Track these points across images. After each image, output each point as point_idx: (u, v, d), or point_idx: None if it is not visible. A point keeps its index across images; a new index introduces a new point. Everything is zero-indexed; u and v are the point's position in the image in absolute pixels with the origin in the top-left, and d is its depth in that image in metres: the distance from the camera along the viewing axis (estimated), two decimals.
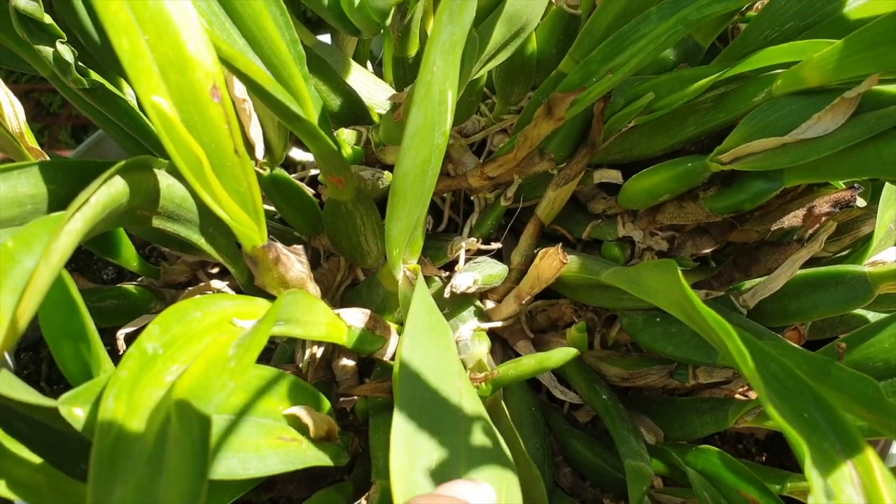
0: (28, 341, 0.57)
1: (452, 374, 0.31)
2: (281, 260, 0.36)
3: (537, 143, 0.42)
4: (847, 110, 0.34)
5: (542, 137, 0.42)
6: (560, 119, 0.40)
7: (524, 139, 0.42)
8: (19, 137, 0.38)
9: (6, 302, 0.23)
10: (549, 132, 0.41)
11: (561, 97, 0.39)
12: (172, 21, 0.27)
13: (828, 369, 0.27)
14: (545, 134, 0.42)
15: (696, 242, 0.47)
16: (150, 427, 0.24)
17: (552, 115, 0.40)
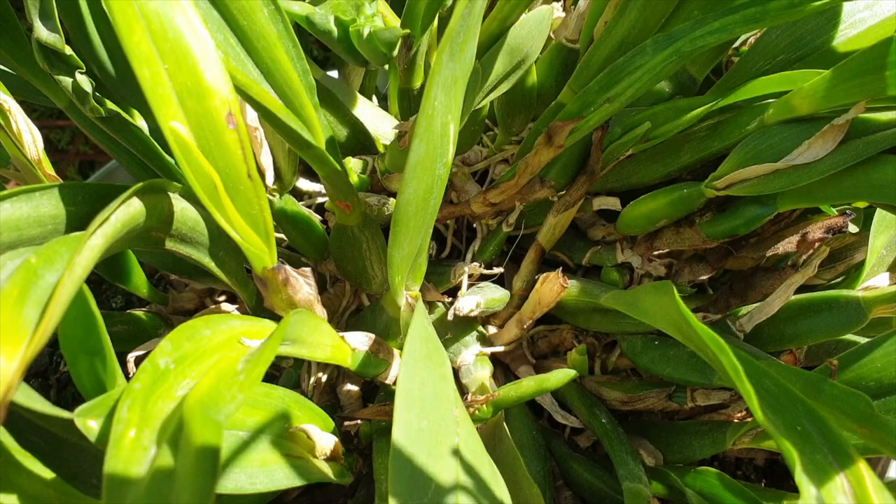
0: (38, 367, 0.58)
1: (449, 402, 0.31)
2: (290, 281, 0.37)
3: (538, 171, 0.43)
4: (836, 137, 0.35)
5: (542, 165, 0.43)
6: (560, 146, 0.42)
7: (525, 166, 0.43)
8: (37, 164, 0.39)
9: (30, 314, 0.24)
10: (549, 159, 0.43)
11: (560, 125, 0.41)
12: (191, 52, 0.29)
13: (821, 386, 0.28)
14: (545, 161, 0.43)
15: (693, 269, 0.48)
16: (162, 437, 0.25)
17: (552, 142, 0.41)
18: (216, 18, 0.34)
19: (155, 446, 0.25)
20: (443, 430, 0.30)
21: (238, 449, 0.32)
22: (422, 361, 0.32)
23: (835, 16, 0.43)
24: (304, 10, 0.40)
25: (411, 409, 0.29)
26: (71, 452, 0.30)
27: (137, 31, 0.27)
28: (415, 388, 0.30)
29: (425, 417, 0.29)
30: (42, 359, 0.58)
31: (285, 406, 0.36)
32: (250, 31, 0.34)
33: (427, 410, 0.30)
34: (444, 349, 0.35)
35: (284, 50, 0.36)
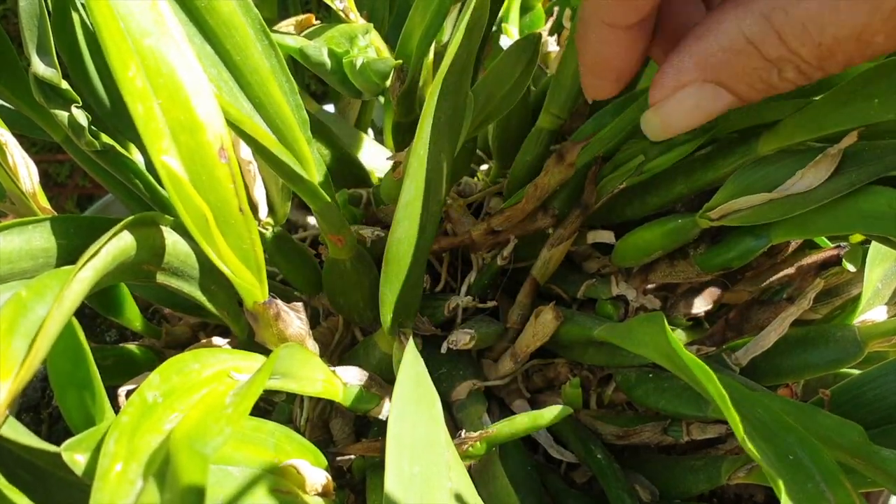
0: (29, 402, 0.58)
1: (440, 446, 0.31)
2: (281, 316, 0.37)
3: (547, 194, 0.44)
4: (829, 166, 0.35)
5: (552, 187, 0.43)
6: (571, 165, 0.42)
7: (534, 188, 0.43)
8: (32, 197, 0.39)
9: (18, 346, 0.24)
10: (560, 180, 0.43)
11: (571, 145, 0.41)
12: (184, 87, 0.29)
13: (814, 416, 0.28)
14: (555, 184, 0.43)
15: (688, 302, 0.48)
16: (149, 470, 0.25)
17: (563, 161, 0.42)
18: (210, 54, 0.34)
19: (142, 480, 0.25)
20: (435, 474, 0.29)
21: (226, 484, 0.31)
22: (412, 404, 0.32)
23: None
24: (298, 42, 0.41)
25: (403, 453, 0.29)
26: (58, 487, 0.30)
27: (131, 66, 0.27)
28: (406, 431, 0.30)
29: (417, 463, 0.29)
30: (34, 393, 0.57)
31: (276, 441, 0.35)
32: (244, 66, 0.35)
33: (419, 455, 0.29)
34: (437, 387, 0.35)
35: (278, 84, 0.36)
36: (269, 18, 0.54)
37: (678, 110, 0.33)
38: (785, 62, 0.29)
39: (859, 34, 0.26)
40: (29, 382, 0.25)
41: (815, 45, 0.27)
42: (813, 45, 0.27)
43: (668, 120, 0.33)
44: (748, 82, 0.30)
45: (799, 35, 0.27)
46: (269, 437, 0.35)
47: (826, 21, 0.27)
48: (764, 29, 0.28)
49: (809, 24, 0.27)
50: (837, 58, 0.28)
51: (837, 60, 0.28)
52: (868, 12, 0.26)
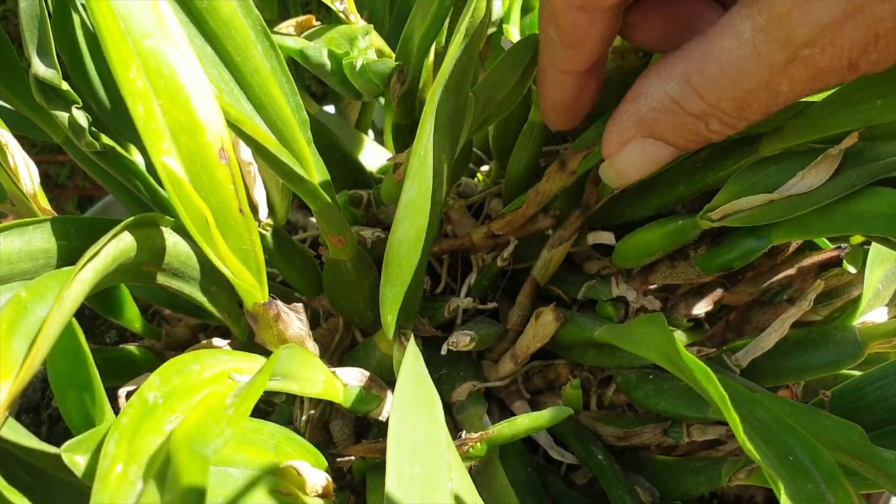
0: (29, 403, 0.57)
1: (440, 447, 0.31)
2: (281, 317, 0.37)
3: (547, 200, 0.44)
4: (830, 167, 0.35)
5: (553, 193, 0.43)
6: (573, 173, 0.42)
7: (535, 194, 0.43)
8: (33, 198, 0.39)
9: (18, 347, 0.24)
10: (561, 187, 0.43)
11: (573, 154, 0.41)
12: (185, 88, 0.29)
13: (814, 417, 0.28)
14: (556, 190, 0.43)
15: (689, 303, 0.48)
16: (149, 472, 0.25)
17: (565, 168, 0.42)
18: (210, 54, 0.34)
19: (142, 481, 0.25)
20: (435, 475, 0.29)
21: (226, 485, 0.31)
22: (413, 405, 0.32)
23: None
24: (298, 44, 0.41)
25: (403, 455, 0.29)
26: (58, 488, 0.30)
27: (132, 67, 0.27)
28: (406, 433, 0.30)
29: (417, 464, 0.29)
30: (34, 394, 0.57)
31: (276, 442, 0.35)
32: (244, 67, 0.35)
33: (419, 456, 0.29)
34: (437, 388, 0.35)
35: (278, 85, 0.36)
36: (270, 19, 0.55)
37: (627, 162, 0.36)
38: (708, 116, 0.32)
39: (766, 85, 0.29)
40: (29, 383, 0.25)
41: (731, 99, 0.30)
42: (729, 98, 0.30)
43: (622, 171, 0.37)
44: (680, 135, 0.34)
45: (716, 91, 0.30)
46: (269, 439, 0.35)
47: (736, 76, 0.29)
48: (685, 89, 0.31)
49: (723, 80, 0.30)
50: (753, 107, 0.30)
51: (754, 110, 0.31)
52: (768, 68, 0.28)
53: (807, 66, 0.27)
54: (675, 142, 0.34)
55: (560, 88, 0.38)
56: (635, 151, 0.36)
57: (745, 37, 0.28)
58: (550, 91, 0.39)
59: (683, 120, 0.32)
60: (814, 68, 0.27)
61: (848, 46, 0.26)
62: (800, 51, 0.27)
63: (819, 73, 0.27)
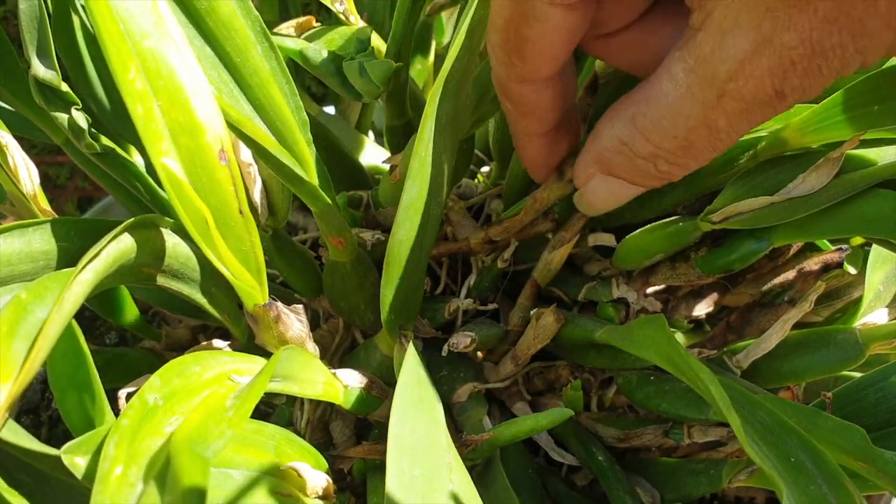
0: (29, 404, 0.57)
1: (441, 448, 0.31)
2: (281, 318, 0.37)
3: (546, 207, 0.44)
4: (831, 170, 0.35)
5: (551, 201, 0.43)
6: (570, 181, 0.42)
7: (533, 201, 0.43)
8: (32, 199, 0.39)
9: (18, 349, 0.23)
10: (559, 196, 0.43)
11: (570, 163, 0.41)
12: (184, 89, 0.29)
13: (815, 419, 0.28)
14: (554, 199, 0.43)
15: (689, 305, 0.48)
16: (149, 473, 0.25)
17: (563, 177, 0.42)
18: (210, 55, 0.34)
19: (142, 483, 0.25)
20: (436, 476, 0.29)
21: (226, 487, 0.31)
22: (413, 407, 0.32)
23: None
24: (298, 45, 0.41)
25: (403, 456, 0.29)
26: (59, 490, 0.30)
27: (131, 68, 0.27)
28: (406, 434, 0.30)
29: (418, 465, 0.29)
30: (34, 396, 0.57)
31: (276, 443, 0.35)
32: (244, 68, 0.35)
33: (419, 457, 0.29)
34: (437, 389, 0.35)
35: (278, 86, 0.36)
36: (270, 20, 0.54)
37: (595, 196, 0.38)
38: (655, 157, 0.32)
39: (704, 122, 0.29)
40: (29, 385, 0.25)
41: (673, 139, 0.31)
42: (671, 138, 0.31)
43: (591, 202, 0.39)
44: (635, 175, 0.35)
45: (658, 133, 0.31)
46: (269, 440, 0.35)
47: (674, 117, 0.30)
48: (631, 131, 0.32)
49: (663, 121, 0.31)
50: (697, 146, 0.31)
51: (699, 148, 0.31)
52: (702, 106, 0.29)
53: (736, 100, 0.28)
54: (632, 180, 0.35)
55: (531, 149, 0.39)
56: (600, 187, 0.37)
57: (678, 78, 0.29)
58: (523, 151, 0.40)
59: (634, 161, 0.33)
60: (742, 101, 0.28)
61: (768, 76, 0.27)
62: (726, 85, 0.28)
63: (749, 105, 0.28)
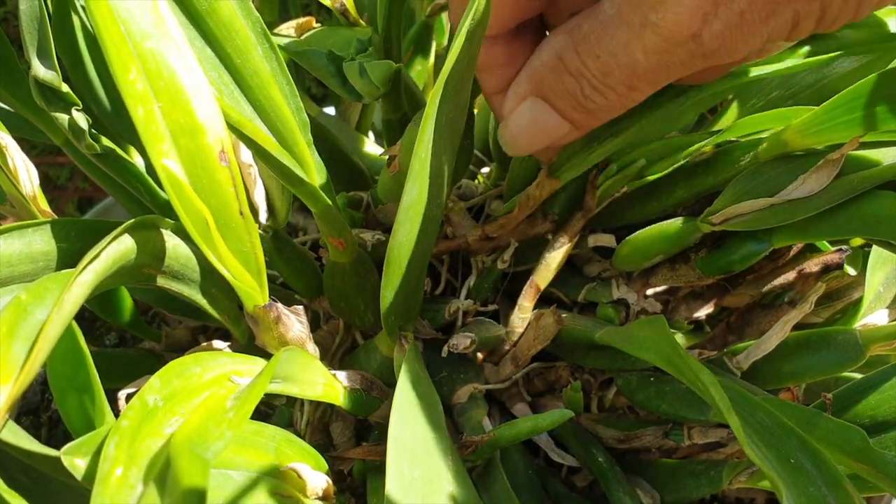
0: (29, 405, 0.57)
1: (441, 449, 0.31)
2: (282, 319, 0.37)
3: (538, 204, 0.43)
4: (831, 172, 0.35)
5: (543, 198, 0.43)
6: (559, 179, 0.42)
7: (526, 199, 0.43)
8: (32, 200, 0.39)
9: (18, 350, 0.23)
10: (551, 192, 0.43)
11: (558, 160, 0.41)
12: (185, 90, 0.29)
13: (815, 421, 0.28)
14: (547, 194, 0.43)
15: (689, 306, 0.48)
16: (149, 475, 0.25)
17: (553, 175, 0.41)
18: (210, 56, 0.34)
19: (142, 484, 0.25)
20: (436, 478, 0.29)
21: (226, 488, 0.31)
22: (413, 408, 0.32)
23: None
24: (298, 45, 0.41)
25: (403, 457, 0.29)
26: (58, 491, 0.30)
27: (132, 69, 0.27)
28: (406, 435, 0.30)
29: (418, 467, 0.29)
30: (33, 397, 0.57)
31: (276, 444, 0.35)
32: (244, 69, 0.35)
33: (419, 459, 0.29)
34: (437, 390, 0.35)
35: (278, 87, 0.36)
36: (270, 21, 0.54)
37: (518, 125, 0.36)
38: (581, 76, 0.31)
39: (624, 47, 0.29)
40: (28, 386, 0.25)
41: (595, 57, 0.30)
42: (594, 56, 0.30)
43: (514, 134, 0.36)
44: (563, 97, 0.33)
45: (586, 46, 0.30)
46: (269, 441, 0.35)
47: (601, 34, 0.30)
48: (566, 43, 0.31)
49: (592, 36, 0.30)
50: (616, 76, 0.30)
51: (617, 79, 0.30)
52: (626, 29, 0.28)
53: (655, 33, 0.28)
54: (558, 105, 0.34)
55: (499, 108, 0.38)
56: (526, 113, 0.35)
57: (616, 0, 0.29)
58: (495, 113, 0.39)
59: (563, 78, 0.32)
60: (661, 36, 0.28)
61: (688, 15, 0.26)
62: (649, 15, 0.27)
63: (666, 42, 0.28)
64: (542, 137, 0.36)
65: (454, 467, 0.31)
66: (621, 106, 0.32)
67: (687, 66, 0.29)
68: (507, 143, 0.38)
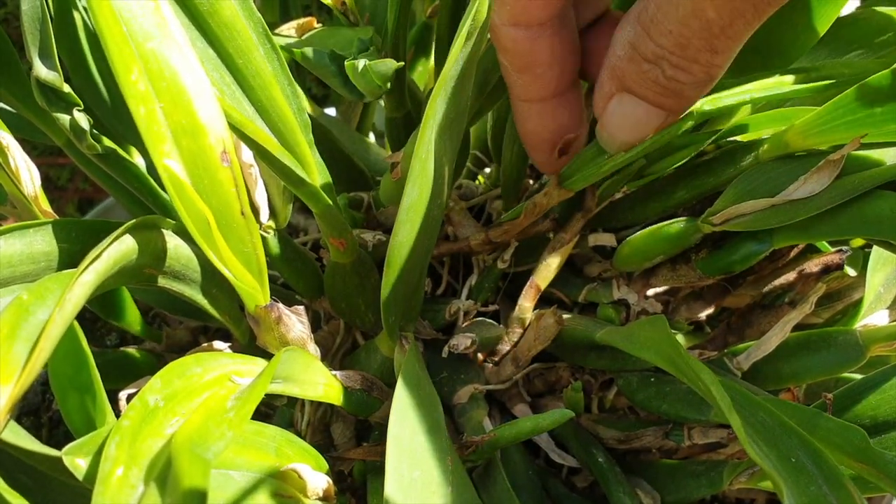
0: (30, 405, 0.57)
1: (441, 450, 0.31)
2: (283, 320, 0.37)
3: (545, 211, 0.44)
4: (832, 172, 0.35)
5: (550, 206, 0.43)
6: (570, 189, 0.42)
7: (533, 206, 0.43)
8: (34, 201, 0.39)
9: (20, 350, 0.24)
10: (559, 201, 0.43)
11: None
12: (187, 91, 0.29)
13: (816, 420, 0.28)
14: (555, 203, 0.43)
15: (690, 306, 0.48)
16: (150, 475, 0.25)
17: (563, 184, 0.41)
18: (212, 57, 0.34)
19: (143, 485, 0.25)
20: (435, 479, 0.29)
21: (227, 488, 0.31)
22: (413, 408, 0.32)
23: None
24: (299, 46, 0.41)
25: (403, 458, 0.29)
26: (59, 492, 0.30)
27: (134, 69, 0.27)
28: (406, 436, 0.30)
29: (417, 467, 0.29)
30: (35, 397, 0.57)
31: (277, 445, 0.35)
32: (246, 70, 0.35)
33: (419, 460, 0.29)
34: (438, 391, 0.35)
35: (280, 88, 0.36)
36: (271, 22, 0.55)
37: (614, 123, 0.35)
38: (659, 58, 0.30)
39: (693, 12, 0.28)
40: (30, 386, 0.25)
41: (669, 34, 0.29)
42: (667, 33, 0.29)
43: (612, 133, 0.35)
44: (647, 86, 0.32)
45: (657, 26, 0.29)
46: (270, 442, 0.35)
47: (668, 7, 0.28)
48: (637, 31, 0.30)
49: (659, 13, 0.29)
50: (694, 44, 0.29)
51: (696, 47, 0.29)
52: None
53: None
54: (645, 95, 0.32)
55: (531, 119, 0.37)
56: (617, 110, 0.34)
57: None
58: (523, 123, 0.38)
59: (641, 66, 0.31)
60: None
61: None
62: None
63: None
64: (641, 130, 0.35)
65: (454, 468, 0.31)
66: (708, 76, 0.31)
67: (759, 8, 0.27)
68: (607, 143, 0.37)
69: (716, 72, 0.31)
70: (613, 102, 0.34)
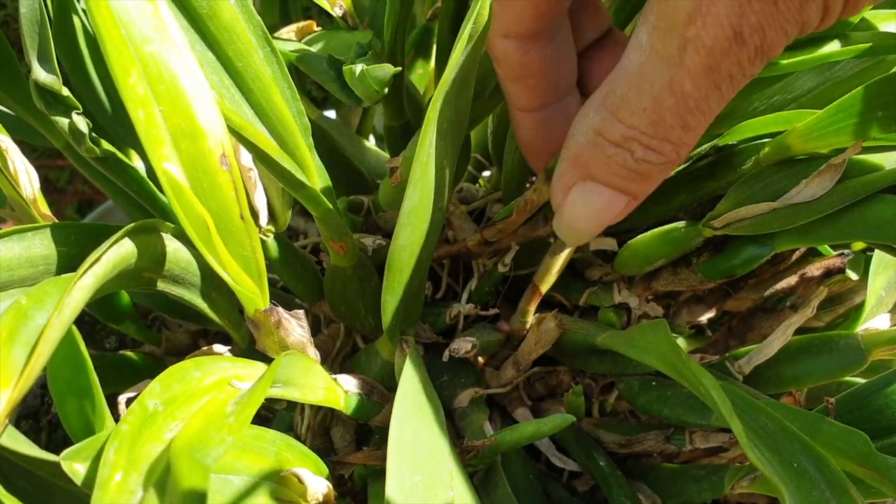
0: (28, 409, 0.57)
1: (441, 454, 0.31)
2: (282, 324, 0.37)
3: (536, 208, 0.43)
4: (833, 176, 0.35)
5: (541, 202, 0.43)
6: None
7: (524, 203, 0.43)
8: (33, 203, 0.39)
9: (18, 354, 0.23)
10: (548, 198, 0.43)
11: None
12: (186, 94, 0.29)
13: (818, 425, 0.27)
14: (545, 199, 0.43)
15: (691, 310, 0.48)
16: (149, 480, 0.24)
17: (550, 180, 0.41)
18: (212, 60, 0.34)
19: (142, 490, 0.25)
20: (437, 483, 0.29)
21: (226, 493, 0.31)
22: (414, 412, 0.32)
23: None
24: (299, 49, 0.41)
25: (404, 462, 0.29)
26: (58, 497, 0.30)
27: (133, 73, 0.27)
28: (407, 440, 0.30)
29: (418, 472, 0.29)
30: (33, 401, 0.57)
31: (277, 449, 0.35)
32: (245, 73, 0.35)
33: (420, 464, 0.29)
34: (438, 395, 0.35)
35: (279, 91, 0.36)
36: (271, 24, 0.55)
37: (574, 215, 0.34)
38: (629, 141, 0.29)
39: (669, 87, 0.27)
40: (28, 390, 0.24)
41: (642, 112, 0.28)
42: (640, 112, 0.28)
43: (572, 225, 0.34)
44: (613, 171, 0.31)
45: (627, 107, 0.28)
46: (270, 446, 0.35)
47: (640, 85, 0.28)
48: (603, 115, 0.29)
49: (631, 93, 0.28)
50: (668, 121, 0.28)
51: (670, 124, 0.28)
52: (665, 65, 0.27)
53: (698, 51, 0.26)
54: (609, 181, 0.31)
55: (526, 129, 0.37)
56: (578, 200, 0.33)
57: (643, 42, 0.27)
58: (519, 132, 0.38)
59: (608, 152, 0.30)
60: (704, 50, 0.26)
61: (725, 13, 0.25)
62: (686, 32, 0.26)
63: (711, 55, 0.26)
64: (601, 219, 0.34)
65: (455, 472, 0.31)
66: (676, 156, 0.30)
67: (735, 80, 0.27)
68: (567, 235, 0.36)
69: (684, 151, 0.30)
70: (574, 192, 0.33)
